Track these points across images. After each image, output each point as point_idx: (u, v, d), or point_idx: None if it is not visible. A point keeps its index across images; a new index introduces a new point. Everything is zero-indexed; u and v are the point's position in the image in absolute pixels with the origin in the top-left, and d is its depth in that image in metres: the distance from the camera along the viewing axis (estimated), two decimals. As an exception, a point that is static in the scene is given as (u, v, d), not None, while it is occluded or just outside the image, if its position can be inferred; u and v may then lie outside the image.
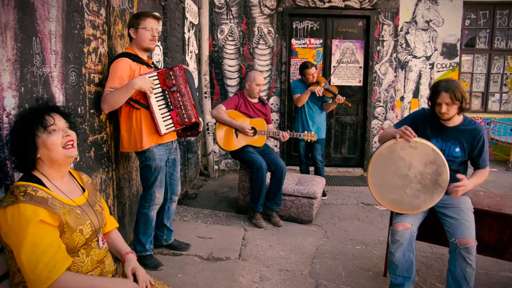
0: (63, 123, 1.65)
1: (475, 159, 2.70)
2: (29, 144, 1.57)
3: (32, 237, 1.43)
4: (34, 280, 1.44)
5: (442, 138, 2.71)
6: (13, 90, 1.82)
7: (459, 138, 2.67)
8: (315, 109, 4.96)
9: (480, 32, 7.02)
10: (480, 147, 2.65)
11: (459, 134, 2.67)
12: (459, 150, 2.67)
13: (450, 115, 2.61)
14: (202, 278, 2.99)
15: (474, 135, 2.65)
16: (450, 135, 2.69)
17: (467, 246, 2.48)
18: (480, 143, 2.65)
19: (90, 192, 1.82)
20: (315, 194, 4.20)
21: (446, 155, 2.62)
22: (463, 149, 2.67)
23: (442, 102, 2.57)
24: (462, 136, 2.66)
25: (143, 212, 3.04)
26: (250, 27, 6.37)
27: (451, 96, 2.53)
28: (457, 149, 2.67)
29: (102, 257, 1.74)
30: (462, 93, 2.54)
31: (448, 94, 2.53)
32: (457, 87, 2.54)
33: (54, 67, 2.17)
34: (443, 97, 2.56)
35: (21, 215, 1.44)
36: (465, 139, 2.66)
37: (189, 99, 2.94)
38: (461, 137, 2.67)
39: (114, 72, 2.72)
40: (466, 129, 2.67)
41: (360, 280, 3.12)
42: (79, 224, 1.61)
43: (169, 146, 3.09)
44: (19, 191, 1.50)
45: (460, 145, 2.67)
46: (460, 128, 2.68)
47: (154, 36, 2.91)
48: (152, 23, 2.88)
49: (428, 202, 2.63)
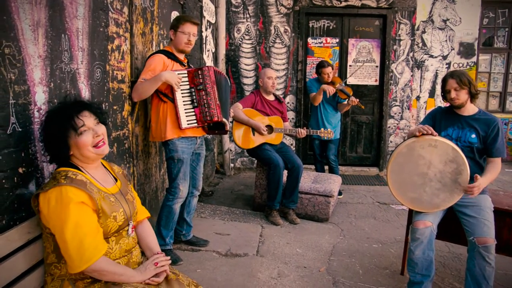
0: (92, 120, 1.71)
1: (489, 146, 2.70)
2: (61, 145, 1.64)
3: (75, 217, 1.51)
4: (77, 259, 1.50)
5: (458, 125, 2.77)
6: (43, 86, 1.88)
7: (474, 125, 2.72)
8: (330, 109, 4.97)
9: (498, 31, 6.93)
10: (495, 136, 2.68)
11: (474, 122, 2.73)
12: (475, 136, 2.71)
13: (461, 101, 2.71)
14: (221, 273, 3.03)
15: (488, 124, 2.70)
16: (465, 123, 2.75)
17: (486, 245, 2.47)
18: (495, 131, 2.67)
19: (122, 182, 1.88)
20: (331, 192, 4.21)
21: (463, 142, 2.70)
22: (478, 136, 2.70)
23: (451, 88, 2.71)
24: (477, 124, 2.72)
25: (167, 204, 3.11)
26: (266, 26, 6.39)
27: (457, 81, 2.67)
28: (473, 135, 2.71)
29: (130, 247, 1.78)
30: (469, 79, 2.69)
31: (454, 80, 2.69)
32: (463, 73, 2.71)
33: (80, 64, 2.23)
34: (450, 83, 2.71)
35: (64, 196, 1.51)
36: (480, 127, 2.71)
37: (214, 99, 3.03)
38: (476, 124, 2.72)
39: (148, 65, 2.92)
40: (481, 118, 2.74)
41: (378, 278, 3.13)
42: (113, 211, 1.67)
43: (193, 141, 3.17)
44: (61, 176, 1.59)
45: (475, 132, 2.71)
46: (475, 117, 2.75)
47: (190, 40, 3.07)
48: (189, 27, 3.04)
49: (448, 201, 2.63)
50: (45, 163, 1.89)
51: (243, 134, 4.24)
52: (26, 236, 1.63)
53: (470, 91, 2.70)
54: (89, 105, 1.74)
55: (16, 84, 1.68)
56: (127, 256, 1.76)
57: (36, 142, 1.82)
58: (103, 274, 1.59)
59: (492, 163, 2.72)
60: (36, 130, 1.82)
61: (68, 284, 1.61)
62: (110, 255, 1.67)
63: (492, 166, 2.71)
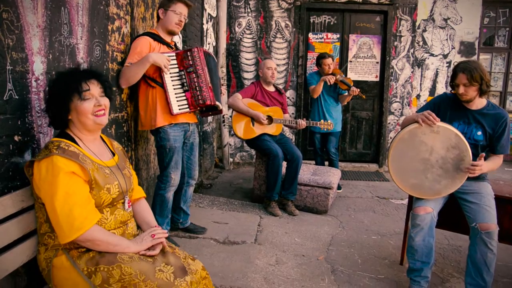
0: (98, 90, 1.70)
1: (494, 143, 2.64)
2: (62, 106, 1.63)
3: (65, 187, 1.49)
4: (67, 228, 1.48)
5: (464, 121, 2.67)
6: (42, 56, 1.85)
7: (481, 121, 2.62)
8: (331, 102, 4.96)
9: (499, 31, 6.92)
10: (501, 132, 2.60)
11: (481, 118, 2.62)
12: (481, 133, 2.62)
13: (468, 97, 2.57)
14: (219, 259, 2.99)
15: (497, 119, 2.60)
16: (472, 118, 2.64)
17: (489, 231, 2.44)
18: (502, 127, 2.59)
19: (120, 158, 1.86)
20: (331, 184, 4.19)
21: (468, 138, 2.58)
22: (485, 133, 2.61)
23: (460, 83, 2.54)
24: (485, 120, 2.61)
25: (160, 193, 3.05)
26: (267, 21, 6.38)
27: (468, 77, 2.49)
28: (479, 132, 2.62)
29: (126, 219, 1.76)
30: (482, 75, 2.49)
31: (465, 75, 2.50)
32: (476, 68, 2.49)
33: (80, 39, 2.20)
34: (460, 78, 2.54)
35: (54, 166, 1.50)
36: (488, 123, 2.61)
37: (205, 81, 2.92)
38: (483, 120, 2.62)
39: (134, 48, 2.77)
40: (489, 113, 2.62)
41: (376, 267, 3.10)
42: (107, 183, 1.64)
43: (185, 127, 3.07)
44: (53, 145, 1.57)
45: (482, 129, 2.62)
46: (483, 111, 2.63)
47: (181, 21, 2.95)
48: (182, 8, 2.93)
49: (449, 187, 2.60)
50: (42, 134, 1.86)
51: (243, 125, 4.22)
52: (20, 204, 1.61)
53: (480, 88, 2.53)
54: (99, 74, 1.73)
55: (13, 51, 1.65)
56: (122, 227, 1.74)
57: (33, 112, 1.79)
58: (96, 244, 1.56)
59: (495, 156, 2.69)
60: (33, 100, 1.79)
61: (62, 253, 1.58)
62: (104, 225, 1.65)
63: (495, 159, 2.68)
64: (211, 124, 5.96)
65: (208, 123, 5.76)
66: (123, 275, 1.53)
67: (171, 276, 1.58)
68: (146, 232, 1.75)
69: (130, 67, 2.72)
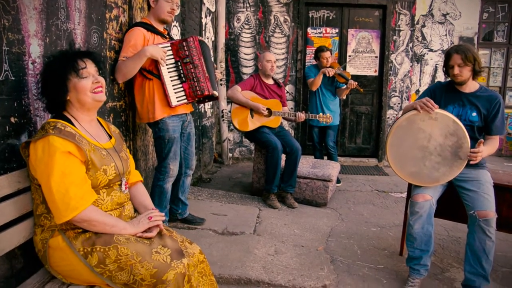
0: (94, 68, 1.70)
1: (489, 124, 2.65)
2: (60, 87, 1.62)
3: (61, 166, 1.48)
4: (63, 208, 1.47)
5: (459, 103, 2.69)
6: (38, 39, 1.84)
7: (476, 103, 2.64)
8: (329, 95, 4.96)
9: (498, 26, 6.92)
10: (496, 113, 2.61)
11: (476, 100, 2.65)
12: (476, 114, 2.64)
13: (463, 77, 2.61)
14: (217, 249, 2.98)
15: (490, 101, 2.62)
16: (467, 100, 2.67)
17: (487, 218, 2.43)
18: (496, 108, 2.61)
19: (117, 140, 1.86)
20: (330, 177, 4.18)
21: (463, 120, 2.60)
22: (480, 114, 2.63)
23: (454, 64, 2.59)
24: (479, 102, 2.64)
25: (158, 184, 3.03)
26: (266, 16, 6.37)
27: (462, 57, 2.55)
28: (474, 113, 2.64)
29: (122, 201, 1.75)
30: (475, 55, 2.57)
31: (459, 56, 2.56)
32: (469, 49, 2.57)
33: (77, 25, 2.19)
34: (454, 59, 2.59)
35: (50, 146, 1.49)
36: (482, 104, 2.63)
37: (203, 71, 2.88)
38: (477, 102, 2.64)
39: (128, 41, 2.70)
40: (482, 95, 2.65)
41: (376, 257, 3.09)
42: (103, 164, 1.63)
43: (183, 118, 3.06)
44: (49, 126, 1.56)
45: (477, 110, 2.64)
46: (477, 94, 2.66)
47: (173, 9, 2.89)
48: None
49: (448, 174, 2.59)
50: (39, 117, 1.85)
51: (242, 117, 4.20)
52: (16, 185, 1.60)
53: (474, 68, 2.60)
54: (93, 54, 1.73)
55: (9, 31, 1.64)
56: (119, 209, 1.73)
57: (30, 94, 1.78)
58: (93, 225, 1.55)
59: (491, 139, 2.68)
60: (30, 83, 1.78)
61: (58, 234, 1.57)
62: (101, 206, 1.64)
63: (491, 142, 2.67)
64: (210, 118, 5.95)
65: (207, 118, 5.75)
66: (119, 256, 1.52)
67: (167, 258, 1.57)
68: (143, 214, 1.74)
69: (126, 61, 2.65)
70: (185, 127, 3.13)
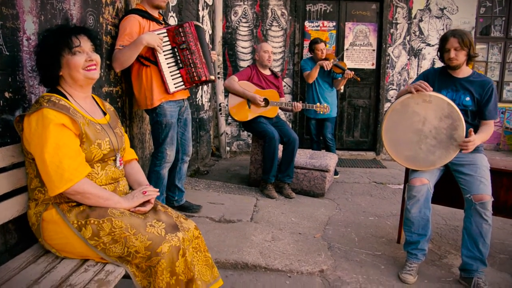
0: (89, 45, 1.68)
1: (482, 108, 2.66)
2: (53, 62, 1.61)
3: (55, 138, 1.47)
4: (56, 180, 1.46)
5: (452, 88, 2.70)
6: (33, 16, 1.83)
7: (469, 88, 2.66)
8: (325, 87, 4.94)
9: (495, 20, 6.92)
10: (488, 98, 2.63)
11: (469, 85, 2.66)
12: (469, 99, 2.65)
13: (459, 61, 2.62)
14: (214, 235, 2.97)
15: (483, 85, 2.64)
16: (460, 85, 2.68)
17: (483, 202, 2.43)
18: (489, 93, 2.62)
19: (112, 117, 1.85)
20: (327, 167, 4.17)
21: (457, 104, 2.60)
22: (473, 98, 2.64)
23: (451, 48, 2.61)
24: (472, 87, 2.65)
25: (155, 170, 3.02)
26: (263, 9, 6.36)
27: (459, 41, 2.58)
28: (467, 98, 2.65)
29: (117, 176, 1.74)
30: (470, 40, 2.60)
31: (456, 39, 2.59)
32: (465, 34, 2.61)
33: (73, 6, 2.18)
34: (451, 42, 2.61)
35: (44, 118, 1.48)
36: (475, 89, 2.64)
37: (199, 57, 2.88)
38: (471, 87, 2.66)
39: (123, 29, 2.68)
40: (475, 80, 2.67)
41: (373, 245, 3.09)
42: (97, 138, 1.62)
43: (180, 103, 3.06)
44: (44, 99, 1.55)
45: (470, 95, 2.65)
46: (470, 79, 2.68)
47: None
48: None
49: (444, 158, 2.59)
50: (33, 94, 1.84)
51: (239, 107, 4.20)
52: (10, 159, 1.59)
53: (469, 53, 2.62)
54: (88, 30, 1.72)
55: (3, 6, 1.63)
56: (113, 184, 1.72)
57: (24, 71, 1.77)
58: (86, 197, 1.54)
59: (485, 125, 2.69)
60: (25, 59, 1.77)
61: (52, 207, 1.56)
62: (95, 180, 1.63)
63: (485, 128, 2.67)
64: (207, 112, 5.94)
65: (205, 111, 5.74)
66: (113, 228, 1.52)
67: (162, 231, 1.56)
68: (137, 189, 1.74)
69: (123, 50, 2.64)
70: (182, 112, 3.13)
